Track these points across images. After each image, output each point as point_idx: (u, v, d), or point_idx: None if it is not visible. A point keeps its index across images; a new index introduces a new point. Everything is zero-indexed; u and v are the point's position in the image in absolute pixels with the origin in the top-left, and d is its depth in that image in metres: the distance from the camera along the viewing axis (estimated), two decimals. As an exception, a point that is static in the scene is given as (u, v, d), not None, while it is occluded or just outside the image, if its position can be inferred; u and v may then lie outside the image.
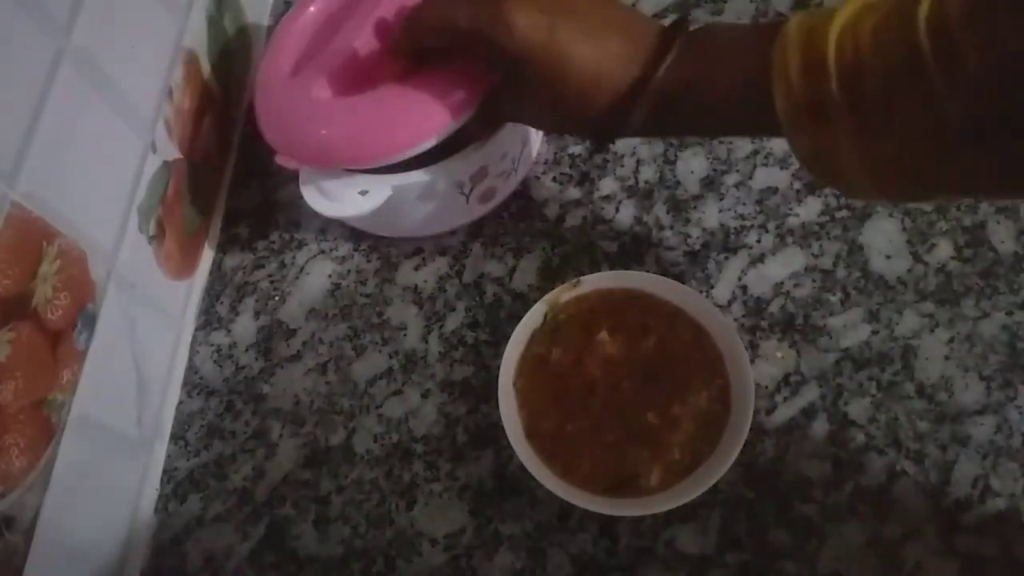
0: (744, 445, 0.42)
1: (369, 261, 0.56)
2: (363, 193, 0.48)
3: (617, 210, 0.54)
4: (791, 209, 0.52)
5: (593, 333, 0.46)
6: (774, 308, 0.50)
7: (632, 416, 0.44)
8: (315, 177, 0.49)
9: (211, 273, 0.57)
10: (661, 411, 0.44)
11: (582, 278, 0.47)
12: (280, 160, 0.49)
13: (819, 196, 0.52)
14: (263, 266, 0.57)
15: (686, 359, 0.45)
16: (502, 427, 0.48)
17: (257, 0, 0.65)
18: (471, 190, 0.51)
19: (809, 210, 0.52)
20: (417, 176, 0.48)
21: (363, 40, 0.49)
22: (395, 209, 0.49)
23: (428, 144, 0.46)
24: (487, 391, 0.50)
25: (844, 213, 0.51)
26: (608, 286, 0.47)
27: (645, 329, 0.46)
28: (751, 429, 0.42)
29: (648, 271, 0.51)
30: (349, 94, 0.48)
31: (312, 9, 0.53)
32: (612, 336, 0.46)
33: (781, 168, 0.54)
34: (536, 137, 0.56)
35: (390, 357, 0.52)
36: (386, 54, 0.47)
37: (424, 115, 0.46)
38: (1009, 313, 0.47)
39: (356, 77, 0.49)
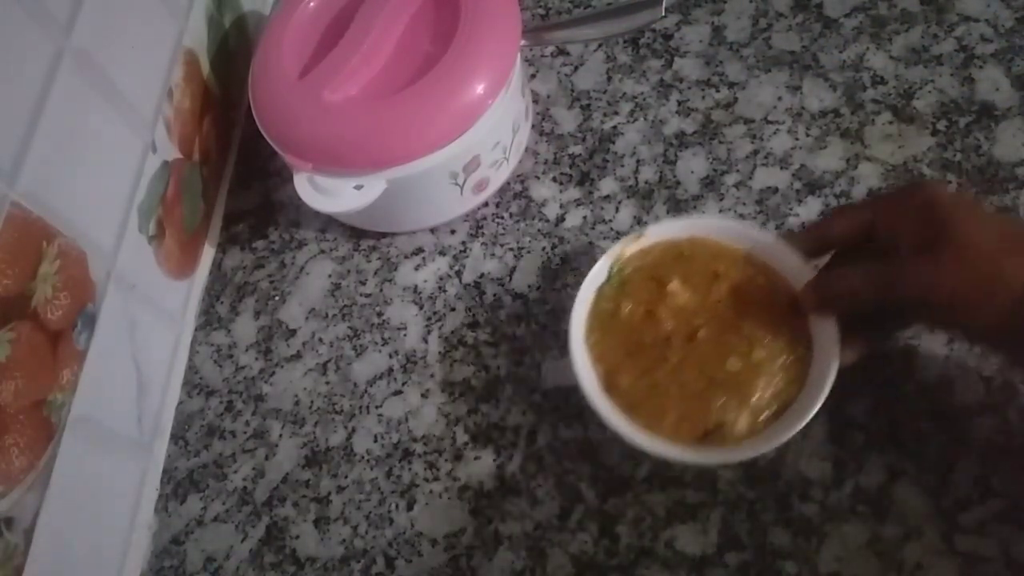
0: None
1: (369, 261, 0.56)
2: (358, 188, 0.48)
3: (617, 210, 0.54)
4: (791, 209, 0.52)
5: (663, 284, 0.44)
6: (774, 308, 0.49)
7: (713, 364, 0.42)
8: (310, 173, 0.49)
9: (211, 273, 0.57)
10: (742, 357, 0.42)
11: (645, 228, 0.46)
12: (291, 162, 0.49)
13: (819, 196, 0.52)
14: (263, 266, 0.57)
15: (762, 303, 0.43)
16: (502, 427, 0.48)
17: (257, 0, 0.65)
18: (465, 181, 0.51)
19: (809, 210, 0.52)
20: (411, 168, 0.48)
21: (373, 41, 0.49)
22: (391, 203, 0.49)
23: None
24: (487, 391, 0.50)
25: (844, 213, 0.51)
26: (673, 236, 0.46)
27: (716, 276, 0.44)
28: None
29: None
30: (362, 97, 0.48)
31: (312, 5, 0.53)
32: (683, 285, 0.44)
33: (781, 168, 0.54)
34: (526, 125, 0.56)
35: (390, 357, 0.52)
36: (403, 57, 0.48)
37: (445, 118, 0.47)
38: (1009, 313, 0.47)
39: (368, 79, 0.49)
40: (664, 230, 0.46)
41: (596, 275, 0.45)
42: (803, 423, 0.39)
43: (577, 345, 0.43)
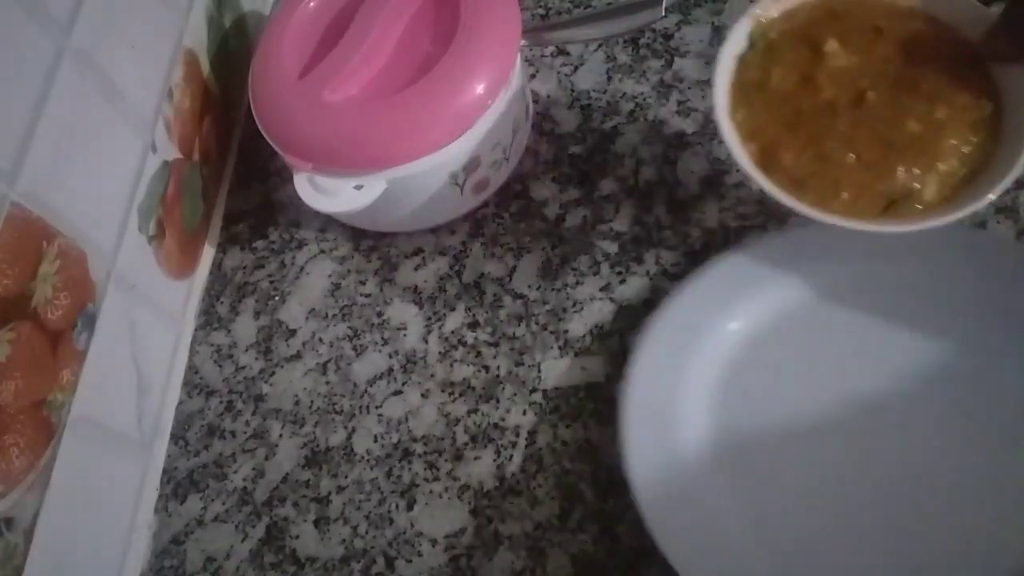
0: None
1: (369, 261, 0.56)
2: (358, 188, 0.48)
3: (617, 210, 0.54)
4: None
5: (818, 46, 0.39)
6: (774, 308, 0.49)
7: (890, 128, 0.37)
8: (310, 173, 0.49)
9: (211, 273, 0.57)
10: (923, 117, 0.37)
11: None
12: (291, 162, 0.49)
13: (819, 196, 0.52)
14: (263, 266, 0.57)
15: (936, 57, 0.38)
16: (502, 427, 0.48)
17: (257, 0, 0.65)
18: (465, 181, 0.51)
19: (809, 210, 0.52)
20: (412, 168, 0.48)
21: (373, 41, 0.49)
22: (391, 203, 0.49)
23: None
24: (487, 391, 0.50)
25: (844, 213, 0.51)
26: None
27: (878, 32, 0.39)
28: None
29: (648, 271, 0.51)
30: (362, 97, 0.48)
31: (312, 5, 0.53)
32: (842, 45, 0.39)
33: (781, 168, 0.54)
34: (526, 125, 0.56)
35: (390, 357, 0.52)
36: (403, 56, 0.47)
37: (445, 118, 0.47)
38: (1009, 313, 0.47)
39: (368, 79, 0.49)
40: None
41: (733, 44, 0.40)
42: (1003, 185, 0.35)
43: (725, 125, 0.39)
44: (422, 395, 0.51)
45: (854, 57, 0.39)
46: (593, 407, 0.48)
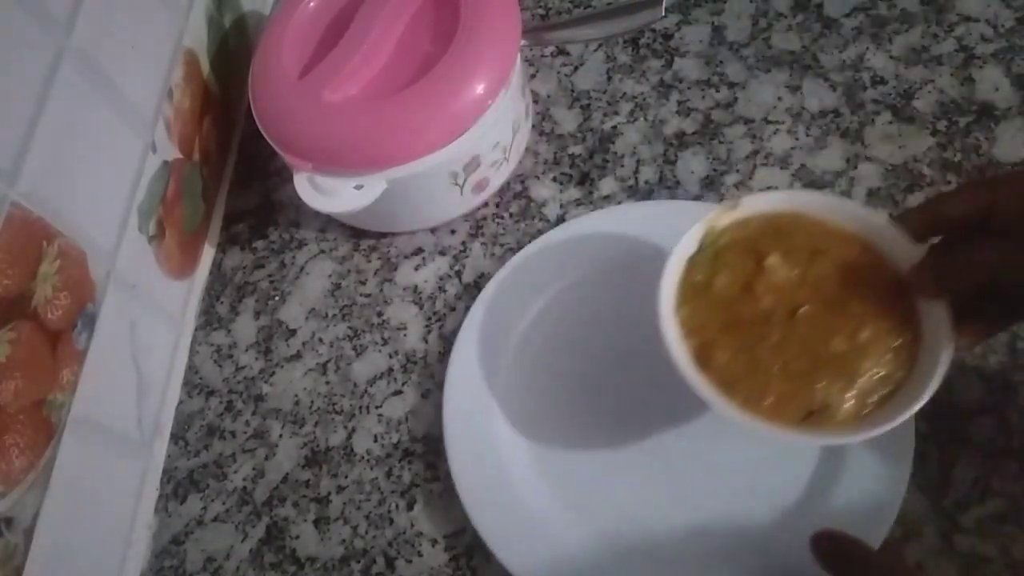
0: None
1: (369, 261, 0.56)
2: (358, 188, 0.48)
3: (617, 210, 0.54)
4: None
5: (760, 258, 0.42)
6: (774, 308, 0.49)
7: (817, 344, 0.40)
8: (310, 173, 0.49)
9: (211, 273, 0.57)
10: (849, 337, 0.40)
11: (742, 199, 0.43)
12: (291, 162, 0.49)
13: (819, 196, 0.52)
14: (263, 266, 0.57)
15: (867, 282, 0.41)
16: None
17: (257, 0, 0.65)
18: (465, 181, 0.51)
19: (809, 210, 0.52)
20: (411, 168, 0.48)
21: (373, 41, 0.49)
22: (391, 203, 0.49)
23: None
24: (487, 391, 0.50)
25: (844, 213, 0.51)
26: (771, 209, 0.43)
27: (817, 252, 0.42)
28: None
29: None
30: (362, 97, 0.48)
31: (312, 5, 0.53)
32: (783, 260, 0.42)
33: (781, 168, 0.54)
34: (526, 125, 0.56)
35: (390, 357, 0.52)
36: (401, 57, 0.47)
37: (445, 118, 0.47)
38: (1009, 313, 0.47)
39: (368, 79, 0.49)
40: (760, 202, 0.43)
41: (686, 245, 0.43)
42: (914, 409, 0.37)
43: (667, 319, 0.41)
44: (422, 395, 0.51)
45: (793, 273, 0.41)
46: (593, 407, 0.48)
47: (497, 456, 0.47)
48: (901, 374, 0.39)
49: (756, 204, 0.43)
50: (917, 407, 0.37)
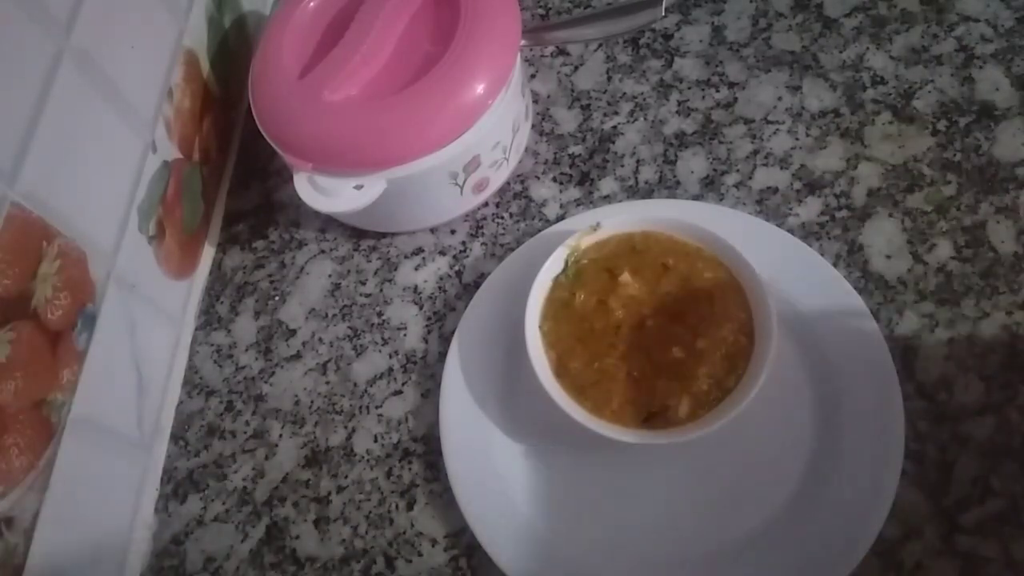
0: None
1: (369, 261, 0.56)
2: (358, 188, 0.48)
3: (617, 210, 0.54)
4: (791, 209, 0.52)
5: (615, 275, 0.46)
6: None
7: (658, 352, 0.44)
8: (310, 173, 0.49)
9: (211, 273, 0.57)
10: (686, 345, 0.44)
11: (602, 222, 0.48)
12: (291, 162, 0.49)
13: (819, 196, 0.52)
14: (263, 266, 0.57)
15: (708, 295, 0.46)
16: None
17: (257, 0, 0.65)
18: (465, 181, 0.51)
19: (809, 210, 0.52)
20: (411, 168, 0.48)
21: (373, 41, 0.49)
22: (391, 203, 0.49)
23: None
24: (487, 391, 0.50)
25: (844, 213, 0.51)
26: (627, 229, 0.48)
27: (666, 268, 0.46)
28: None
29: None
30: (362, 97, 0.48)
31: (312, 5, 0.53)
32: (634, 277, 0.46)
33: (781, 168, 0.54)
34: (526, 125, 0.56)
35: (390, 357, 0.52)
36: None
37: (445, 118, 0.47)
38: (1009, 313, 0.47)
39: (368, 79, 0.49)
40: (618, 224, 0.48)
41: (552, 266, 0.47)
42: (739, 409, 0.41)
43: (532, 331, 0.45)
44: (422, 395, 0.51)
45: (643, 288, 0.46)
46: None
47: (494, 457, 0.47)
48: (732, 378, 0.43)
49: (614, 225, 0.48)
50: (742, 406, 0.41)
